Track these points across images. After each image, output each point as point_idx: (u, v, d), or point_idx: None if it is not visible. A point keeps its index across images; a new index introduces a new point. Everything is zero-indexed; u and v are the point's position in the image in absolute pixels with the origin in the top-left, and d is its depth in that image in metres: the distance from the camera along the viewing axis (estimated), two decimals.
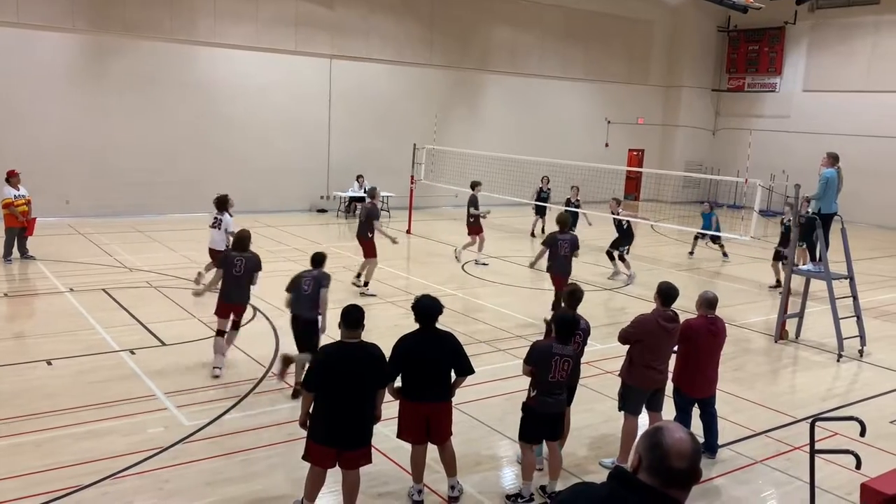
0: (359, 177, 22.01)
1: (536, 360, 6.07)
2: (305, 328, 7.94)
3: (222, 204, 11.95)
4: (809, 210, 12.67)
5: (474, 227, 15.47)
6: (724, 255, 17.60)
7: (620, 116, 28.77)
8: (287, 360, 8.28)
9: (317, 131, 22.28)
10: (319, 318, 8.02)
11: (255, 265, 8.67)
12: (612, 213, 15.14)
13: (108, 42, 18.85)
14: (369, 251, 12.82)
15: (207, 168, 20.50)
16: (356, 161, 22.40)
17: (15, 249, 13.95)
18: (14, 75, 17.76)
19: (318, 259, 8.28)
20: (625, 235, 15.05)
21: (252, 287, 8.81)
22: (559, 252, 10.99)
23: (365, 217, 12.96)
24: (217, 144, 20.62)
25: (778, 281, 14.54)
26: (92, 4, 18.42)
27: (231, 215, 12.07)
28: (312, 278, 7.99)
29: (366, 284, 12.77)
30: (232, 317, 8.76)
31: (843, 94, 26.23)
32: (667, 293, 6.62)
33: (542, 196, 19.39)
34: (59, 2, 17.96)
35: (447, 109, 24.28)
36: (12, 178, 13.78)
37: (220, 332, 8.68)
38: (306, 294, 7.90)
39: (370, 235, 12.76)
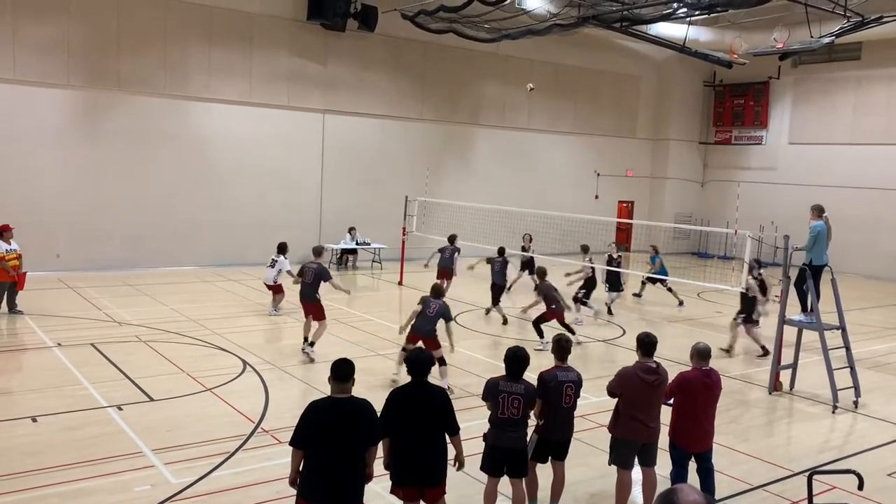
0: (351, 229, 22.08)
1: (486, 396, 6.17)
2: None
3: (281, 249, 15.10)
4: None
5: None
6: (680, 302, 18.12)
7: (609, 169, 29.11)
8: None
9: (309, 184, 22.43)
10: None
11: (444, 311, 10.42)
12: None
13: (103, 97, 19.05)
14: (319, 314, 12.03)
15: (199, 222, 20.54)
16: (348, 213, 22.52)
17: (4, 304, 13.84)
18: (9, 131, 17.88)
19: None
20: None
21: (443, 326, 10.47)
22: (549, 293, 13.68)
23: (312, 278, 11.95)
24: (209, 198, 20.70)
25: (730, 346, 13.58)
26: (87, 60, 18.68)
27: (286, 258, 14.91)
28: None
29: (311, 344, 11.74)
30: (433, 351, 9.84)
31: (828, 147, 26.73)
32: (645, 343, 6.66)
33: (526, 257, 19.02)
34: (55, 58, 18.22)
35: (438, 162, 24.52)
36: (5, 233, 13.72)
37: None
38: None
39: (317, 297, 12.00)
